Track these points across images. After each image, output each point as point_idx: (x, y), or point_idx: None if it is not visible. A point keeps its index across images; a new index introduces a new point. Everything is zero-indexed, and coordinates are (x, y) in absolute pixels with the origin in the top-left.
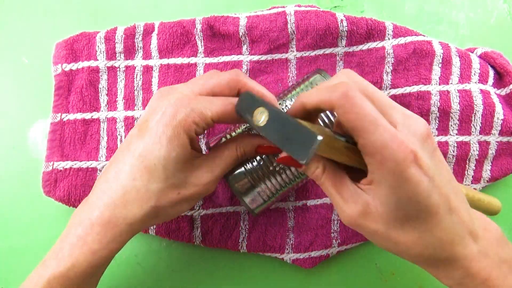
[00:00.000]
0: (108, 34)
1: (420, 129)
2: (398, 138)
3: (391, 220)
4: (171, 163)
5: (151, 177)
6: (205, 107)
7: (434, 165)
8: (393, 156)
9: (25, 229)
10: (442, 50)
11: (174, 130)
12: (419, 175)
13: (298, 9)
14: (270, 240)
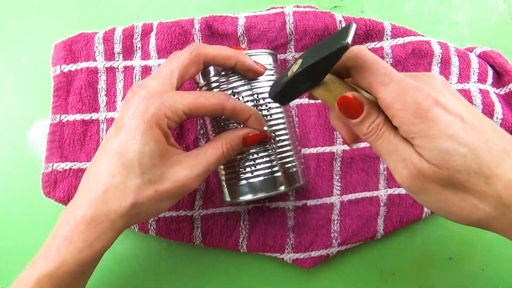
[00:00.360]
0: (106, 35)
1: (436, 80)
2: (414, 84)
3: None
4: (146, 157)
5: (128, 174)
6: (176, 101)
7: (466, 108)
8: (413, 100)
9: (25, 229)
10: (441, 50)
11: (146, 124)
12: (446, 115)
13: (296, 10)
14: (270, 240)
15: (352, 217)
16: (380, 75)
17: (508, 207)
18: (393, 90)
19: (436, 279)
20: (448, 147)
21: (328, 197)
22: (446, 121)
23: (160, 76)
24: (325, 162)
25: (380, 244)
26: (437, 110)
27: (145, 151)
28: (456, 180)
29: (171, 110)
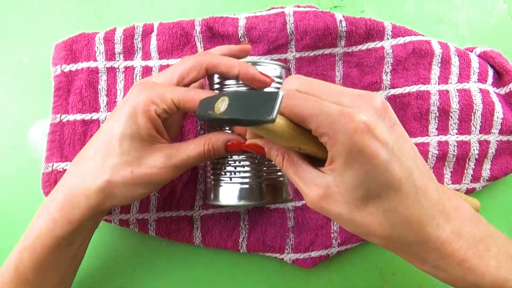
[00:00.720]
0: (107, 35)
1: (374, 103)
2: (345, 111)
3: (353, 200)
4: (126, 139)
5: (108, 152)
6: (166, 90)
7: (394, 138)
8: (343, 128)
9: (25, 229)
10: (441, 49)
11: (132, 108)
12: (374, 146)
13: (297, 10)
14: (270, 240)
15: None
16: (309, 108)
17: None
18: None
19: (436, 279)
20: (365, 175)
21: None
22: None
23: (163, 75)
24: None
25: None
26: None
27: (126, 133)
28: (367, 191)
29: (159, 97)
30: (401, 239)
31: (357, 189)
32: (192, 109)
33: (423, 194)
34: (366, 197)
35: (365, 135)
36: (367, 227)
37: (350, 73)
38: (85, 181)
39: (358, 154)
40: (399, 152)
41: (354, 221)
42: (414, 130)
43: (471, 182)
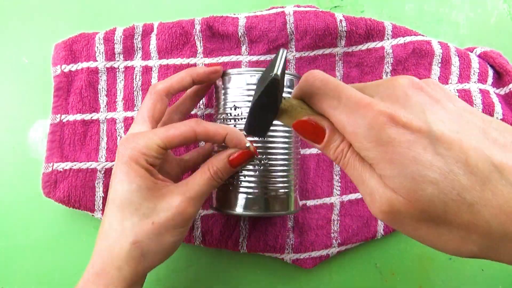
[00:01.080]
0: (107, 35)
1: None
2: (363, 101)
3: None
4: (135, 194)
5: (123, 214)
6: (149, 138)
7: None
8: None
9: (25, 229)
10: (441, 50)
11: (126, 165)
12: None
13: (297, 10)
14: (270, 240)
15: (352, 217)
16: (328, 99)
17: (503, 238)
18: (342, 112)
19: (436, 279)
20: (413, 173)
21: (328, 197)
22: (406, 141)
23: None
24: (325, 162)
25: (380, 244)
26: (392, 129)
27: (132, 188)
28: (433, 212)
29: (146, 147)
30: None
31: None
32: (180, 145)
33: (510, 173)
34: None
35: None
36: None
37: (350, 73)
38: (113, 254)
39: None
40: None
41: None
42: None
43: None
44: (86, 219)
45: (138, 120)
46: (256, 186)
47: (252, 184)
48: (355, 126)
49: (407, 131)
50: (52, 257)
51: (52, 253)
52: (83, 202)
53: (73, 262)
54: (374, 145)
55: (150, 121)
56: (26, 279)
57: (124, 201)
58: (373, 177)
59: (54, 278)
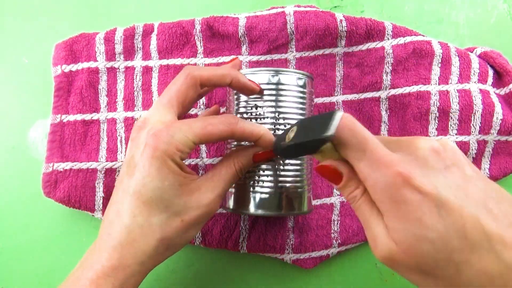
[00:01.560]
0: (107, 35)
1: (424, 147)
2: (384, 159)
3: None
4: (167, 191)
5: (151, 210)
6: (185, 133)
7: (448, 184)
8: (382, 178)
9: (25, 229)
10: (442, 50)
11: (160, 160)
12: (416, 195)
13: (297, 10)
14: (270, 241)
15: (352, 217)
16: (354, 150)
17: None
18: (365, 165)
19: None
20: (415, 231)
21: (328, 198)
22: (416, 201)
23: (161, 106)
24: None
25: None
26: (406, 190)
27: (165, 186)
28: (424, 266)
29: (181, 143)
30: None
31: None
32: (212, 141)
33: (500, 243)
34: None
35: (404, 186)
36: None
37: (350, 73)
38: (136, 248)
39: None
40: (457, 198)
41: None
42: (414, 131)
43: None
44: (86, 219)
45: (165, 102)
46: (271, 185)
47: (268, 183)
48: (375, 181)
49: (419, 193)
50: (52, 257)
51: (52, 253)
52: (83, 202)
53: (73, 262)
54: (389, 201)
55: (178, 107)
56: (26, 279)
57: (154, 198)
58: (379, 225)
59: (54, 278)
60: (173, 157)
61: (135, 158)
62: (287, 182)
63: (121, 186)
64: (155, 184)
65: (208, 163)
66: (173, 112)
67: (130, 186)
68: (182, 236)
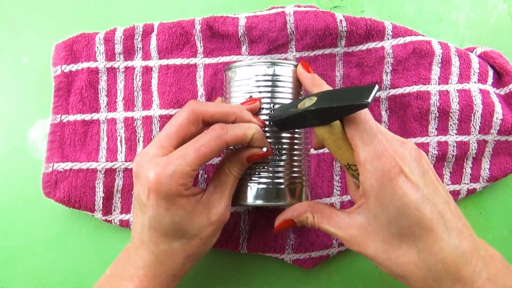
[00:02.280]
0: (107, 35)
1: (412, 151)
2: (388, 151)
3: (387, 237)
4: (179, 223)
5: (170, 238)
6: (182, 166)
7: (426, 183)
8: (381, 166)
9: (25, 229)
10: (442, 50)
11: (166, 200)
12: (406, 186)
13: (297, 10)
14: (271, 241)
15: None
16: (365, 134)
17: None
18: (369, 151)
19: None
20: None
21: (328, 198)
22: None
23: (160, 140)
24: (325, 162)
25: None
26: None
27: (176, 220)
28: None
29: (182, 177)
30: (437, 282)
31: (390, 226)
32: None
33: (457, 237)
34: (399, 234)
35: (398, 175)
36: (403, 266)
37: (350, 73)
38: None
39: (390, 192)
40: (430, 195)
41: (389, 259)
42: (414, 130)
43: (471, 182)
44: (86, 219)
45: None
46: (269, 176)
47: (265, 174)
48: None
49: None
50: (52, 257)
51: (52, 253)
52: (83, 202)
53: (73, 262)
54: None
55: (178, 141)
56: (26, 279)
57: (170, 230)
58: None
59: (54, 278)
60: (178, 193)
61: (143, 199)
62: (284, 173)
63: (138, 219)
64: (167, 220)
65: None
66: (172, 147)
67: (145, 222)
68: (203, 248)
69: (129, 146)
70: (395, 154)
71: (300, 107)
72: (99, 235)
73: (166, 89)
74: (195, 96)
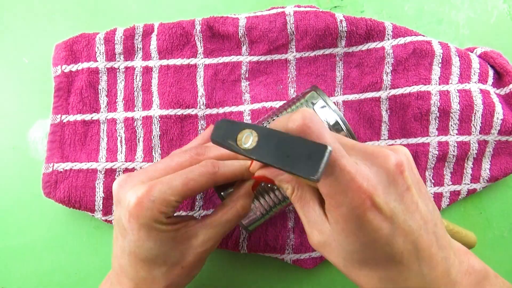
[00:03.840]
0: (107, 35)
1: (387, 165)
2: (356, 182)
3: (349, 260)
4: (160, 249)
5: (151, 265)
6: (166, 194)
7: (403, 208)
8: (347, 202)
9: (25, 229)
10: (442, 50)
11: (146, 226)
12: (377, 221)
13: (297, 10)
14: (271, 241)
15: None
16: None
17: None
18: (330, 184)
19: None
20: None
21: None
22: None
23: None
24: None
25: None
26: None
27: (156, 246)
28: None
29: (164, 205)
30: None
31: (353, 254)
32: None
33: (427, 265)
34: (363, 262)
35: (369, 209)
36: (362, 286)
37: (350, 74)
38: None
39: (358, 229)
40: (406, 224)
41: (349, 274)
42: (414, 131)
43: (471, 182)
44: (86, 220)
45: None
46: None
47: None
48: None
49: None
50: (52, 257)
51: (52, 253)
52: (84, 203)
53: (73, 262)
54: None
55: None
56: (26, 279)
57: (150, 256)
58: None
59: (54, 278)
60: (158, 220)
61: (124, 223)
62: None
63: (117, 243)
64: (148, 246)
65: None
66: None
67: (125, 248)
68: (185, 278)
69: (129, 146)
70: (364, 182)
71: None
72: (99, 235)
73: (166, 89)
74: (195, 96)
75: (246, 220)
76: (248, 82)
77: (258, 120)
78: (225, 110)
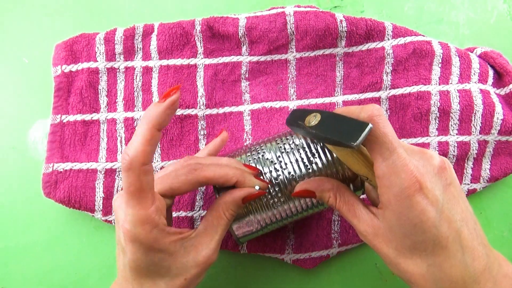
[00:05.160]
0: (107, 35)
1: (434, 162)
2: (408, 167)
3: (400, 247)
4: (161, 263)
5: (154, 278)
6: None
7: (446, 199)
8: (399, 183)
9: (25, 229)
10: (442, 50)
11: (143, 246)
12: (424, 204)
13: (297, 10)
14: (271, 241)
15: None
16: (383, 148)
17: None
18: (387, 166)
19: None
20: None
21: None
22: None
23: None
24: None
25: None
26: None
27: (155, 262)
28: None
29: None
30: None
31: (404, 239)
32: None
33: (470, 256)
34: (412, 248)
35: (417, 192)
36: (411, 275)
37: (350, 74)
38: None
39: (408, 209)
40: (449, 212)
41: (399, 265)
42: (414, 131)
43: (471, 182)
44: (86, 220)
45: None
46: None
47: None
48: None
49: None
50: (52, 257)
51: (52, 253)
52: (84, 203)
53: (73, 262)
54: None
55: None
56: (26, 279)
57: (152, 270)
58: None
59: (54, 278)
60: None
61: (122, 243)
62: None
63: (120, 258)
64: (148, 262)
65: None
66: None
67: (127, 263)
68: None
69: None
70: (415, 169)
71: (306, 121)
72: (99, 235)
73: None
74: (195, 96)
75: (239, 230)
76: (248, 82)
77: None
78: (225, 110)
